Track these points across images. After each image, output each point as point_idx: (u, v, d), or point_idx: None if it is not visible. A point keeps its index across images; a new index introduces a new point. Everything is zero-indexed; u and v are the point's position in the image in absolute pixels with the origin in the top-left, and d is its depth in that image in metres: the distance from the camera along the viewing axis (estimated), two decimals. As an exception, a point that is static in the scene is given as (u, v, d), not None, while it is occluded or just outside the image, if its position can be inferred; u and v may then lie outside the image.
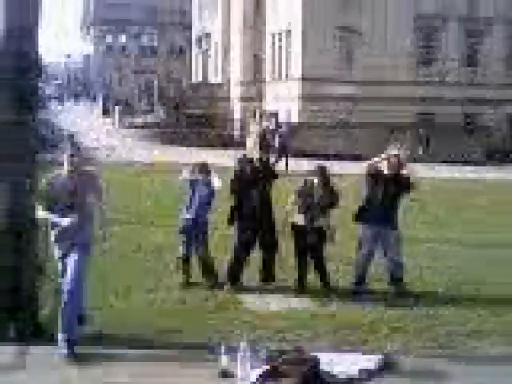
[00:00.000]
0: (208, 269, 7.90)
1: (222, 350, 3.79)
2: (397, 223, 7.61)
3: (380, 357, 4.25)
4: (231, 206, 7.89)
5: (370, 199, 7.54)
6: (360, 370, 4.07)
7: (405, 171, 7.53)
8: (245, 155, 8.07)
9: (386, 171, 7.51)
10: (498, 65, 35.01)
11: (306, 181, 7.64)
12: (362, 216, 7.62)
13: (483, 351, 5.82)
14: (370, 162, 7.63)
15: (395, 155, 7.47)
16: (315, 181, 7.54)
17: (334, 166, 8.14)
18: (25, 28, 5.77)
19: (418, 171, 7.76)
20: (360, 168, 7.81)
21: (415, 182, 7.57)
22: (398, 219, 7.66)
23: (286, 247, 8.05)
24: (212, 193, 7.93)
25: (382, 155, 7.54)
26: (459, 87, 33.89)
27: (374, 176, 7.53)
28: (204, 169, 7.94)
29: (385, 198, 7.42)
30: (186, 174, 8.02)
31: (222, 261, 8.11)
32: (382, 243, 7.56)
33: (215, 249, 8.38)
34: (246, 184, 7.68)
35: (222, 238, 9.11)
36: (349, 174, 17.22)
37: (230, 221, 7.89)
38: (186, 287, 7.69)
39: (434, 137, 30.03)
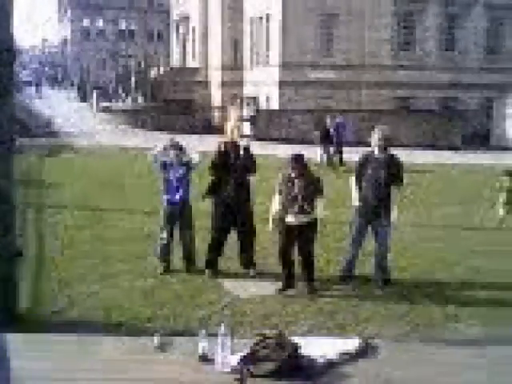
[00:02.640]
0: (190, 255, 7.85)
1: (202, 335, 3.78)
2: (390, 212, 7.37)
3: (359, 340, 4.27)
4: (208, 184, 7.79)
5: (364, 183, 7.34)
6: (339, 354, 4.09)
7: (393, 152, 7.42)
8: (225, 141, 7.98)
9: (376, 153, 7.37)
10: (476, 49, 35.21)
11: (283, 174, 7.08)
12: (357, 201, 7.46)
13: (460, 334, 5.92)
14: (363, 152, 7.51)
15: (384, 137, 7.29)
16: (292, 173, 6.90)
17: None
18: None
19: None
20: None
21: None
22: (392, 208, 7.40)
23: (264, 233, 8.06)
24: (188, 171, 7.76)
25: (375, 135, 7.33)
26: (438, 71, 34.07)
27: (367, 162, 7.35)
28: (176, 147, 7.69)
29: (379, 180, 7.24)
30: (155, 151, 7.71)
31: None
32: (372, 230, 7.50)
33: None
34: (225, 168, 7.63)
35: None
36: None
37: (204, 197, 7.79)
38: (167, 273, 7.67)
39: (411, 121, 30.16)
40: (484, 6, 35.28)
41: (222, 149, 7.64)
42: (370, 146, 7.47)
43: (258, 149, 9.31)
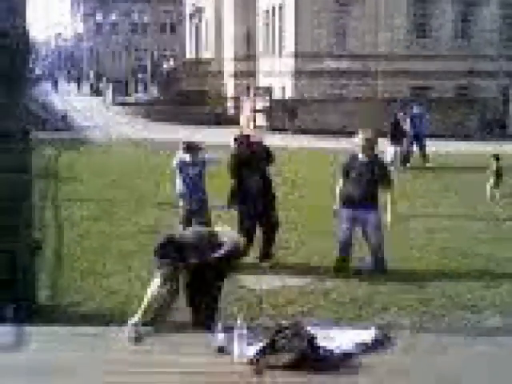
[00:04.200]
0: None
1: (219, 327, 3.80)
2: (377, 206, 7.49)
3: (376, 331, 4.27)
4: (231, 187, 7.85)
5: (349, 185, 7.43)
6: (356, 345, 4.10)
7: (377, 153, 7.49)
8: (241, 134, 8.01)
9: (361, 156, 7.41)
10: (493, 37, 34.80)
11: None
12: (342, 200, 7.53)
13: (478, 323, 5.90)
14: (349, 154, 7.58)
15: (368, 139, 7.35)
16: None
17: (330, 143, 8.06)
18: (12, 6, 5.70)
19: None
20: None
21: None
22: (387, 211, 7.50)
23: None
24: (204, 169, 7.85)
25: (357, 140, 7.41)
26: (454, 60, 33.73)
27: (351, 164, 7.45)
28: (193, 147, 7.78)
29: (363, 183, 7.32)
30: (177, 159, 7.83)
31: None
32: (362, 225, 7.50)
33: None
34: (244, 164, 7.65)
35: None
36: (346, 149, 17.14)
37: (230, 201, 7.85)
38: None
39: (431, 110, 29.91)
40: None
41: (238, 145, 7.69)
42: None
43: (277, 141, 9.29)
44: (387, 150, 16.46)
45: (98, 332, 4.25)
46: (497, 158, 13.18)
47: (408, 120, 17.13)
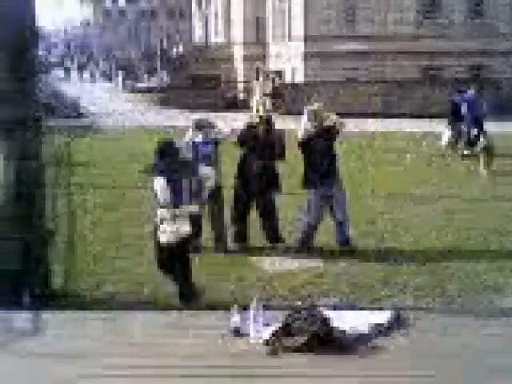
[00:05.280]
0: (221, 234, 7.78)
1: (235, 309, 3.80)
2: (342, 183, 7.67)
3: (391, 312, 4.25)
4: (238, 165, 7.80)
5: (311, 162, 7.54)
6: (371, 326, 4.08)
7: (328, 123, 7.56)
8: (259, 115, 7.89)
9: (311, 129, 7.50)
10: (504, 15, 34.32)
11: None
12: (307, 181, 7.60)
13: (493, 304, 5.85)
14: (301, 129, 7.58)
15: (315, 110, 7.51)
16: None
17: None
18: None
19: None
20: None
21: (339, 127, 7.58)
22: (342, 178, 7.71)
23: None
24: (216, 148, 7.62)
25: (305, 115, 7.53)
26: (466, 39, 33.33)
27: (307, 139, 7.51)
28: (205, 124, 7.57)
29: (322, 155, 7.46)
30: (187, 138, 7.55)
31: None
32: (329, 204, 7.60)
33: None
34: (252, 143, 7.62)
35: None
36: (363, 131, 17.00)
37: (238, 177, 7.80)
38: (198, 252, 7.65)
39: (438, 91, 29.63)
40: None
41: (250, 123, 7.67)
42: None
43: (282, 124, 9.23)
44: (444, 132, 16.51)
45: (111, 317, 4.27)
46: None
47: (465, 103, 16.42)
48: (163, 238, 5.52)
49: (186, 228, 5.50)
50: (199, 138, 7.54)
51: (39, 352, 3.69)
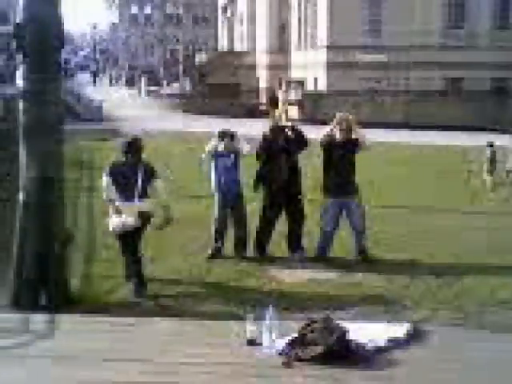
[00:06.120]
0: (243, 242, 7.81)
1: (250, 319, 3.79)
2: (360, 194, 7.66)
3: (408, 326, 4.22)
4: (256, 172, 7.82)
5: (330, 170, 7.54)
6: (388, 339, 4.05)
7: (354, 135, 7.55)
8: (277, 123, 7.96)
9: (338, 137, 7.51)
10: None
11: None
12: (325, 189, 7.61)
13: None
14: (324, 133, 7.60)
15: (345, 119, 7.51)
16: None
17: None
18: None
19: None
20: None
21: (364, 142, 7.56)
22: (360, 189, 7.67)
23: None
24: (237, 160, 7.72)
25: (333, 122, 7.53)
26: (490, 51, 33.05)
27: (330, 144, 7.53)
28: (227, 135, 7.66)
29: (342, 164, 7.47)
30: (210, 147, 7.70)
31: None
32: (346, 214, 7.62)
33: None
34: (275, 151, 7.63)
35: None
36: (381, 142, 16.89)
37: (255, 187, 7.82)
38: (216, 258, 7.66)
39: (462, 102, 29.43)
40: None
41: (268, 134, 7.68)
42: None
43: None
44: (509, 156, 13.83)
45: (129, 322, 4.28)
46: (490, 145, 13.26)
47: None
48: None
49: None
50: (221, 148, 7.65)
51: (55, 353, 3.72)
